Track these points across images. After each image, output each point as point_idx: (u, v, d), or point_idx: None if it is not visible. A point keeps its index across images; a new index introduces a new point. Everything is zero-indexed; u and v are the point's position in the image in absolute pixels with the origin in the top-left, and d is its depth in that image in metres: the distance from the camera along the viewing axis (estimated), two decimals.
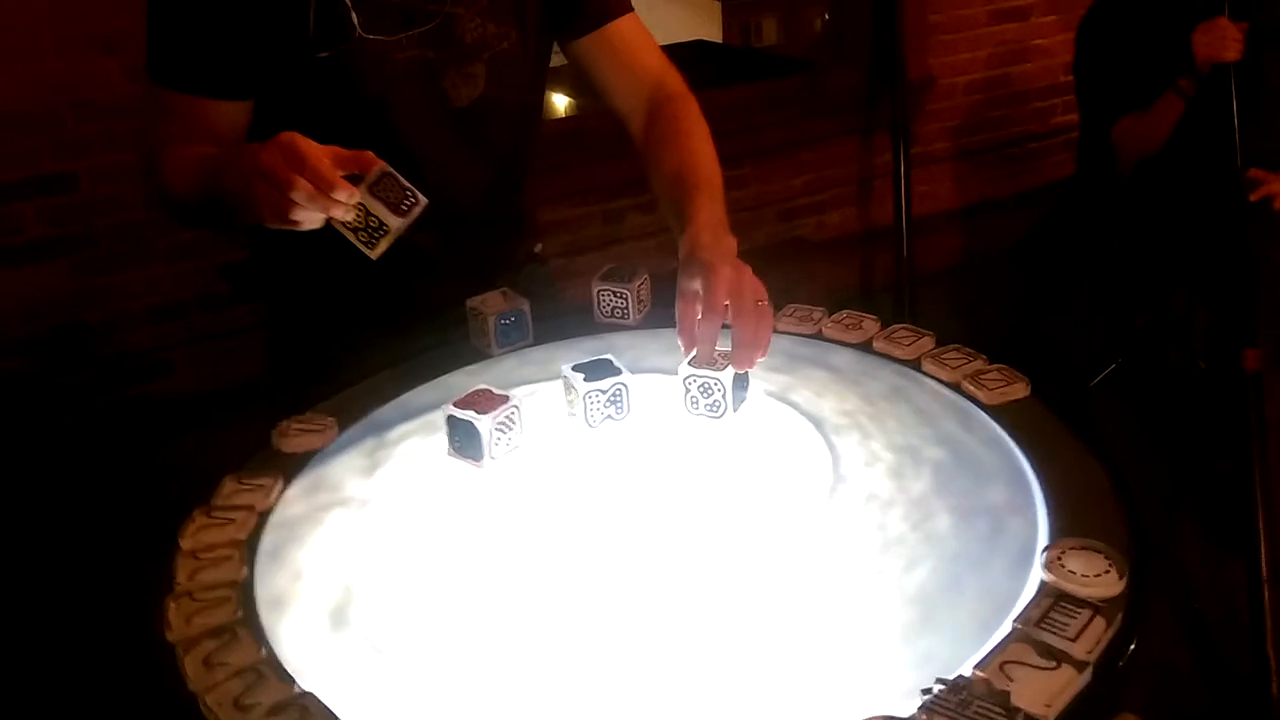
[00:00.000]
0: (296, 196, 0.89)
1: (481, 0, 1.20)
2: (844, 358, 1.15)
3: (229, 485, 0.97)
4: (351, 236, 0.96)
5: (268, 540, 0.91)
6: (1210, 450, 2.11)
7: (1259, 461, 1.89)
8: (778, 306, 1.25)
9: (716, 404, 1.03)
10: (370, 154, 0.93)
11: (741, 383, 1.04)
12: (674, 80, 1.31)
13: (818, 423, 1.03)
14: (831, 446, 0.99)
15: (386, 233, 0.96)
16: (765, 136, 3.07)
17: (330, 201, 0.91)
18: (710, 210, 1.11)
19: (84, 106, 2.23)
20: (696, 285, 1.00)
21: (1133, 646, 0.73)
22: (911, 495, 0.91)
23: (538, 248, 1.49)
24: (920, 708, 0.67)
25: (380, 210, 0.95)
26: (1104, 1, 2.34)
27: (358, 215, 0.94)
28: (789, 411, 1.05)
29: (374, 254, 0.96)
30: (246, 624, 0.79)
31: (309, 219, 0.93)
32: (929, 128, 3.26)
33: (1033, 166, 3.41)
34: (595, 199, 2.89)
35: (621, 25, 1.29)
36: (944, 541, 0.85)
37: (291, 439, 1.06)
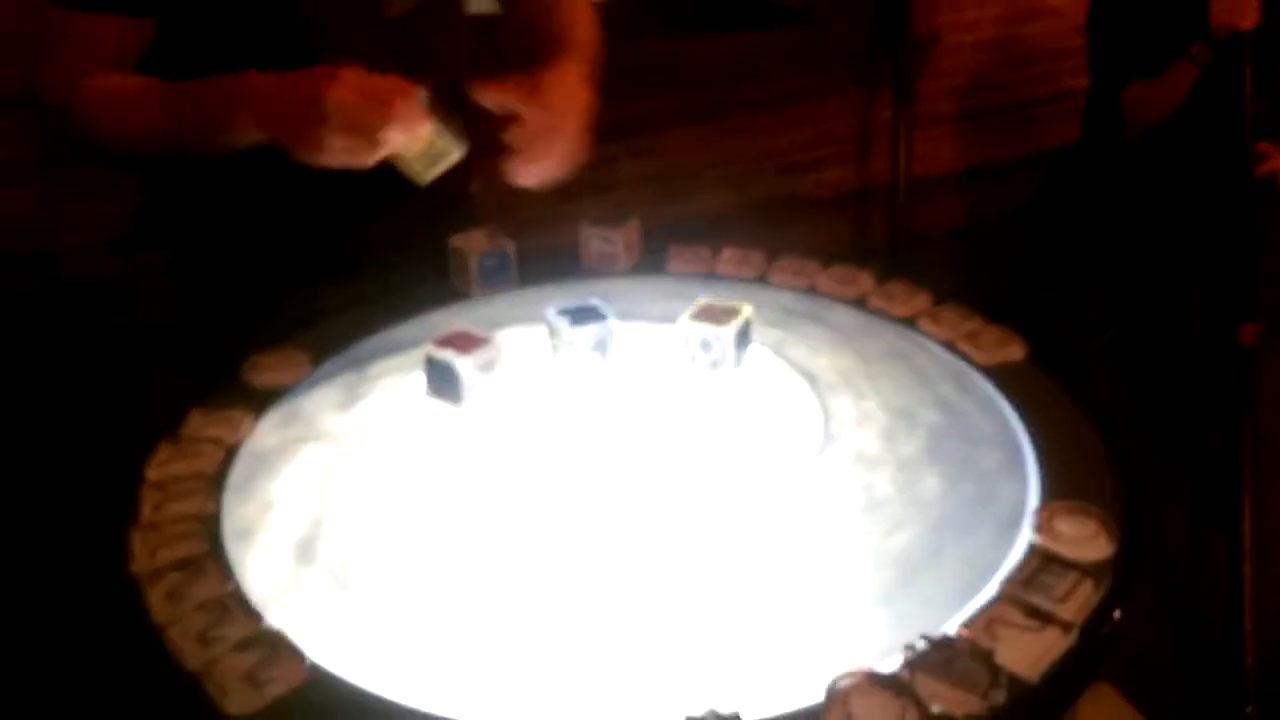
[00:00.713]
0: (388, 135, 0.90)
1: None
2: (843, 315, 1.12)
3: (196, 417, 0.94)
4: (407, 166, 0.96)
5: (237, 472, 0.89)
6: (1200, 424, 2.09)
7: (1250, 435, 1.87)
8: (772, 260, 1.22)
9: (716, 360, 1.00)
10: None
11: (743, 337, 1.01)
12: None
13: (811, 379, 1.00)
14: (824, 405, 0.96)
15: (446, 160, 0.97)
16: (765, 88, 3.01)
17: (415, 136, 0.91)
18: (572, 62, 1.14)
19: None
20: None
21: (1118, 613, 0.71)
22: (901, 457, 0.89)
23: (473, 187, 1.39)
24: (903, 663, 0.65)
25: (446, 140, 0.96)
26: None
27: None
28: (783, 366, 1.02)
29: (424, 182, 0.97)
30: (213, 556, 0.77)
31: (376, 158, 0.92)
32: (933, 86, 3.19)
33: (1038, 130, 3.35)
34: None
35: None
36: (930, 505, 0.83)
37: (263, 373, 1.02)
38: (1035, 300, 2.54)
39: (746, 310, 1.02)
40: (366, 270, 1.19)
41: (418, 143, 0.94)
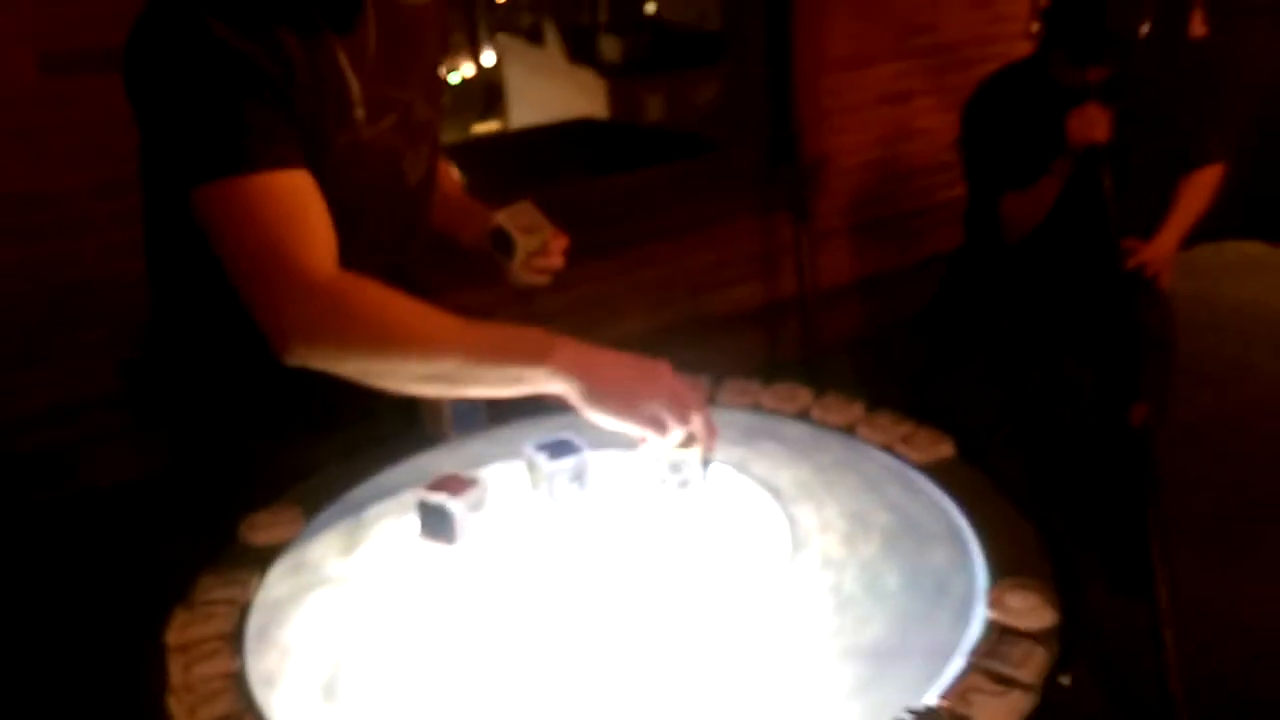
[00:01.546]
0: (690, 427, 1.04)
1: (423, 87, 1.27)
2: (795, 430, 1.24)
3: (207, 580, 0.99)
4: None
5: (254, 622, 0.94)
6: (1106, 502, 2.25)
7: (1154, 509, 2.03)
8: (718, 382, 1.33)
9: (685, 480, 1.10)
10: None
11: (709, 459, 1.11)
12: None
13: (775, 492, 1.11)
14: (789, 514, 1.06)
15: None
16: (671, 216, 3.20)
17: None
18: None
19: None
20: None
21: (1067, 679, 0.81)
22: (863, 558, 0.99)
23: None
24: None
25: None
26: (987, 87, 2.54)
27: None
28: (748, 481, 1.12)
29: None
30: (249, 711, 0.82)
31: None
32: (825, 204, 3.43)
33: (922, 239, 3.62)
34: (499, 280, 2.96)
35: None
36: (893, 599, 0.93)
37: (260, 531, 1.08)
38: (938, 400, 2.72)
39: None
40: (342, 422, 1.25)
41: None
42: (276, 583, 1.00)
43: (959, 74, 3.47)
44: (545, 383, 1.03)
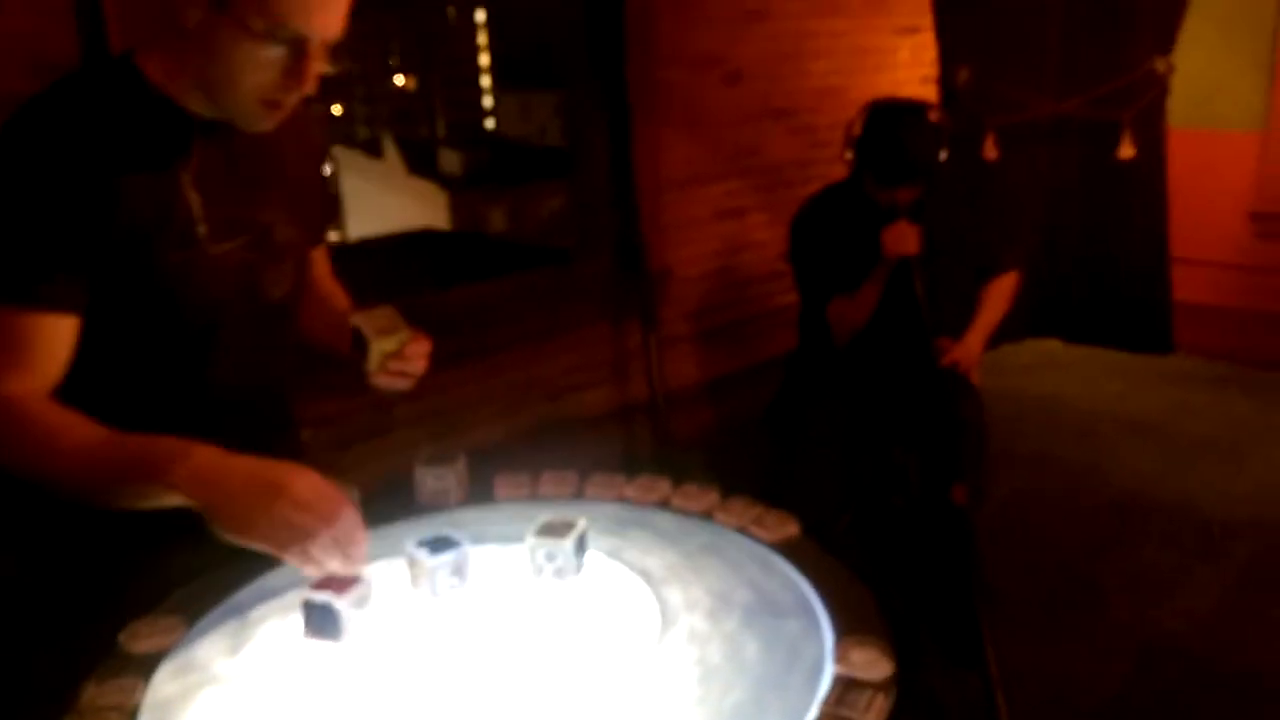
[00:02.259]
0: (319, 549, 1.05)
1: (287, 208, 1.35)
2: (662, 519, 1.34)
3: (91, 689, 1.00)
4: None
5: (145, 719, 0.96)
6: (937, 578, 2.44)
7: (977, 583, 2.23)
8: (584, 478, 1.43)
9: (561, 568, 1.18)
10: None
11: (580, 547, 1.20)
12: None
13: (646, 576, 1.20)
14: (659, 596, 1.16)
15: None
16: (525, 325, 3.31)
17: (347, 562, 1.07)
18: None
19: None
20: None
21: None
22: (725, 632, 1.09)
23: (306, 435, 1.58)
24: None
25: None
26: (810, 206, 2.80)
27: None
28: (621, 568, 1.22)
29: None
30: None
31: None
32: (670, 312, 3.63)
33: (761, 343, 3.85)
34: (363, 391, 2.98)
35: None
36: (752, 667, 1.03)
37: (142, 639, 1.10)
38: (785, 492, 2.89)
39: (582, 522, 1.21)
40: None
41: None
42: (164, 683, 1.03)
43: (785, 191, 3.78)
44: (172, 499, 1.06)
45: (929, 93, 4.37)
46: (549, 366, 3.41)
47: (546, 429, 3.36)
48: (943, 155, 2.56)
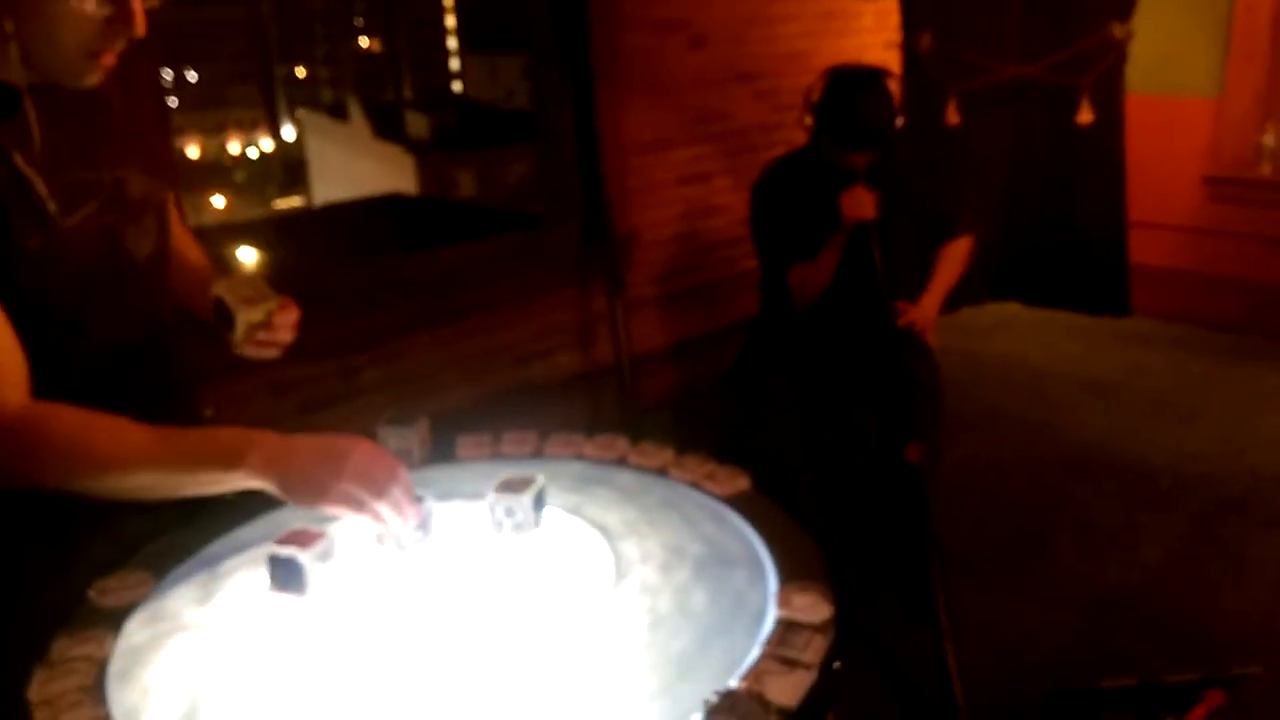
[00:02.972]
0: (385, 500, 1.11)
1: (136, 161, 1.28)
2: (623, 477, 1.38)
3: (62, 641, 1.04)
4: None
5: (115, 666, 1.01)
6: (894, 536, 2.52)
7: (931, 540, 2.30)
8: (544, 437, 1.48)
9: (520, 523, 1.22)
10: None
11: (539, 502, 1.24)
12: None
13: (605, 531, 1.24)
14: (615, 549, 1.20)
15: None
16: (493, 290, 3.34)
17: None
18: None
19: None
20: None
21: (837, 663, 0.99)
22: (676, 583, 1.13)
23: (208, 412, 1.51)
24: (704, 714, 0.89)
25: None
26: (770, 172, 2.83)
27: None
28: (581, 523, 1.26)
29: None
30: None
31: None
32: (637, 275, 3.67)
33: (727, 306, 3.90)
34: (331, 356, 3.00)
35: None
36: (699, 616, 1.07)
37: (111, 594, 1.13)
38: (748, 453, 2.94)
39: (540, 479, 1.25)
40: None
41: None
42: (135, 632, 1.07)
43: (751, 156, 3.81)
44: (245, 483, 1.10)
45: (892, 58, 4.40)
46: (517, 331, 3.45)
47: (514, 393, 3.40)
48: (899, 121, 2.60)
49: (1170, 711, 1.36)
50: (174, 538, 1.23)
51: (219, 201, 31.76)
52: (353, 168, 25.24)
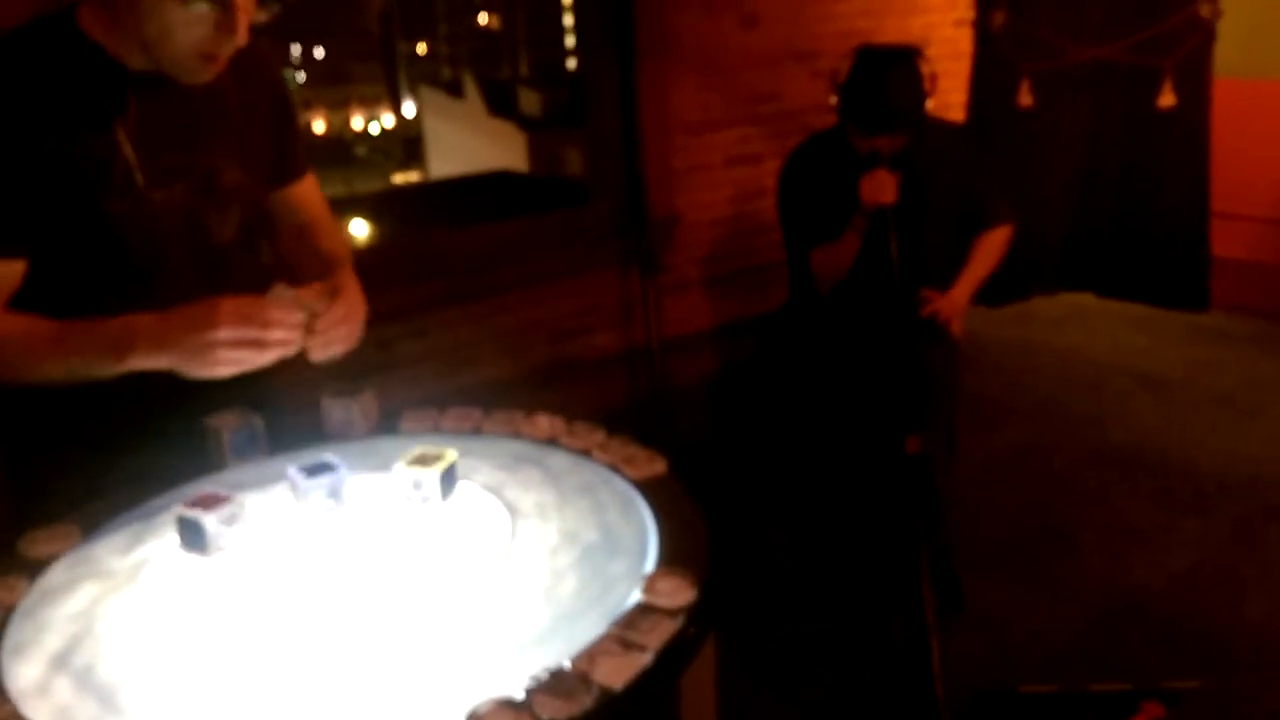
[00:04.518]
0: (272, 350, 1.19)
1: (235, 152, 1.42)
2: (560, 460, 1.40)
3: None
4: None
5: (28, 602, 1.12)
6: (890, 525, 2.47)
7: (925, 534, 2.25)
8: (487, 414, 1.51)
9: (427, 496, 1.26)
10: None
11: (449, 477, 1.28)
12: (339, 244, 1.62)
13: (514, 511, 1.27)
14: (515, 530, 1.22)
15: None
16: (533, 266, 3.38)
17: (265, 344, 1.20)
18: (352, 274, 1.48)
19: None
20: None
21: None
22: (555, 568, 1.15)
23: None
24: (528, 689, 0.91)
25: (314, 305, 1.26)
26: (798, 154, 2.80)
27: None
28: (495, 502, 1.29)
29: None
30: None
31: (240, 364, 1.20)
32: (680, 257, 3.66)
33: (772, 290, 3.84)
34: (368, 328, 3.08)
35: (307, 182, 1.60)
36: (563, 601, 1.08)
37: (39, 545, 1.22)
38: (777, 434, 2.94)
39: (452, 455, 1.29)
40: (126, 448, 1.38)
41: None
42: (58, 574, 1.18)
43: (804, 137, 3.75)
44: (145, 365, 1.21)
45: (963, 36, 4.27)
46: (555, 308, 3.48)
47: (550, 370, 3.44)
48: (927, 104, 2.53)
49: None
50: (105, 501, 1.31)
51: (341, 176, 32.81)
52: (468, 144, 25.74)
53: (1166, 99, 3.83)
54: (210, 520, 1.17)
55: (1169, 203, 4.07)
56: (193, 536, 1.18)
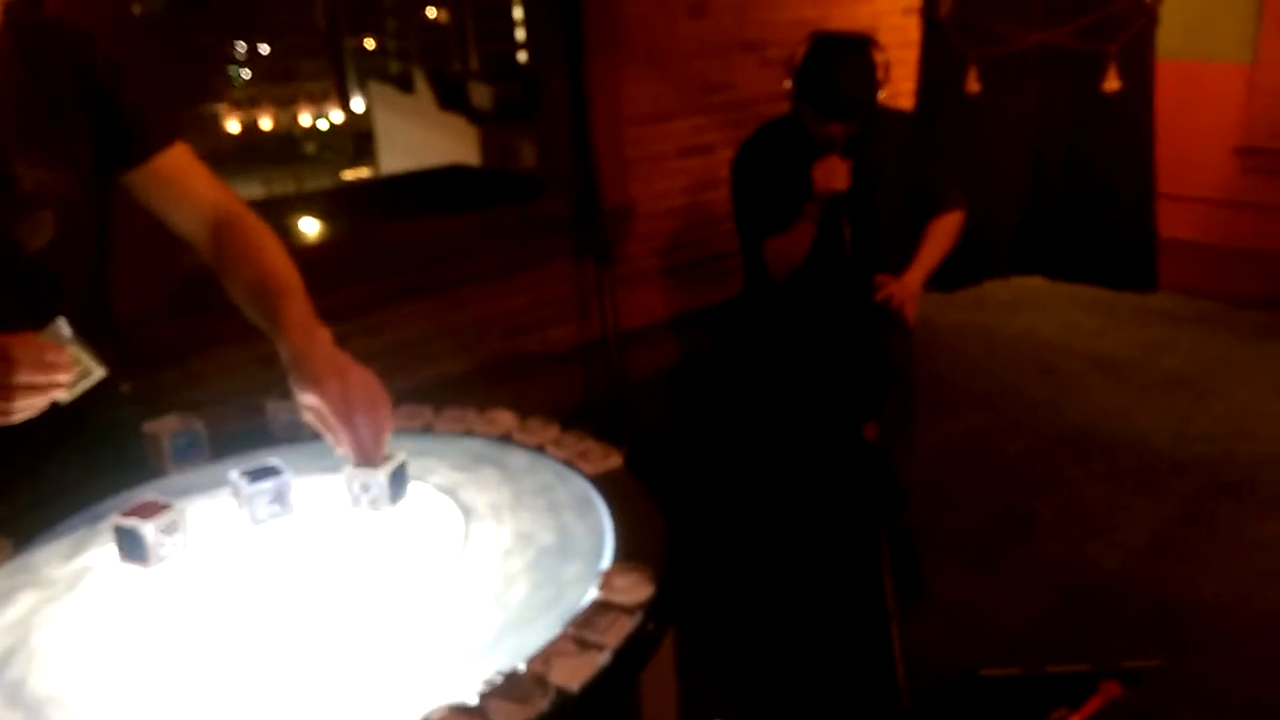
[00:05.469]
0: (23, 396, 1.06)
1: (34, 151, 1.25)
2: (519, 459, 1.36)
3: None
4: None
5: None
6: (850, 511, 2.47)
7: (886, 515, 2.26)
8: (438, 412, 1.47)
9: (375, 499, 1.22)
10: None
11: (399, 478, 1.24)
12: (231, 200, 1.42)
13: (469, 513, 1.23)
14: (469, 532, 1.19)
15: (88, 380, 1.13)
16: (486, 260, 3.34)
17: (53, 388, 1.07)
18: (296, 311, 1.27)
19: None
20: (312, 400, 1.18)
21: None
22: (507, 572, 1.11)
23: (125, 387, 1.46)
24: (481, 693, 0.89)
25: (87, 362, 1.13)
26: (752, 141, 2.78)
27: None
28: (449, 503, 1.25)
29: (67, 400, 1.12)
30: None
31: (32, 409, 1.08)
32: (635, 248, 3.64)
33: (729, 280, 3.84)
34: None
35: (171, 155, 1.38)
36: (510, 608, 1.04)
37: None
38: (737, 424, 2.92)
39: (401, 455, 1.25)
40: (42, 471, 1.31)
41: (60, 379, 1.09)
42: None
43: (756, 127, 3.74)
44: None
45: (911, 24, 4.28)
46: (512, 301, 3.44)
47: (506, 365, 3.40)
48: (881, 92, 2.53)
49: (1063, 704, 1.32)
50: (38, 512, 1.26)
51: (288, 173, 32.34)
52: (418, 138, 25.49)
53: (1111, 83, 3.87)
54: (149, 529, 1.13)
55: (1116, 185, 4.11)
56: (132, 546, 1.13)
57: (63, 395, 1.12)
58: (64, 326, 1.13)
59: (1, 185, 1.24)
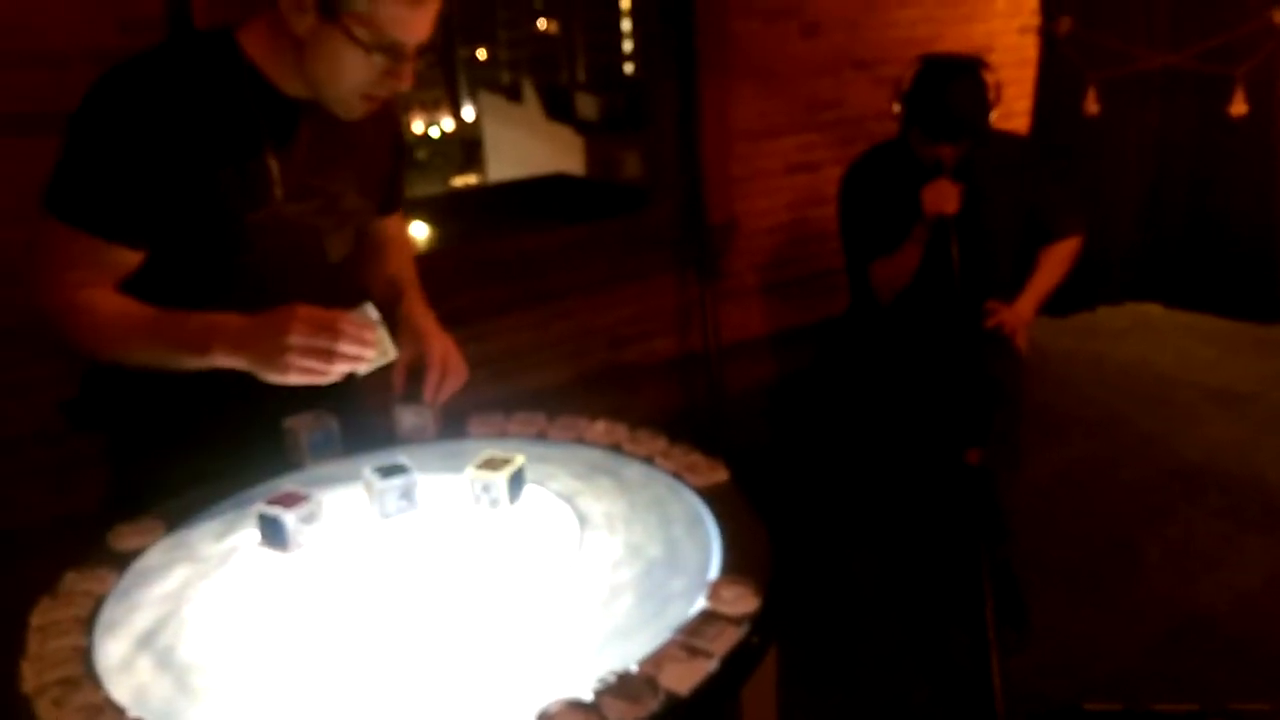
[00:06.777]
0: (341, 354, 1.24)
1: (358, 183, 1.52)
2: (634, 471, 1.41)
3: (71, 576, 1.18)
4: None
5: (124, 583, 1.18)
6: (951, 538, 2.45)
7: (988, 548, 2.23)
8: (551, 420, 1.54)
9: (495, 499, 1.29)
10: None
11: (517, 481, 1.30)
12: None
13: (584, 520, 1.28)
14: (583, 540, 1.24)
15: (383, 359, 1.31)
16: (591, 272, 3.41)
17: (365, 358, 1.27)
18: (415, 295, 1.64)
19: None
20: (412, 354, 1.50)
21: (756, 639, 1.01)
22: (614, 583, 1.14)
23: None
24: (596, 690, 0.94)
25: (385, 344, 1.31)
26: (860, 162, 2.79)
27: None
28: (566, 510, 1.30)
29: (367, 370, 1.31)
30: (89, 677, 1.00)
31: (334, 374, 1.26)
32: (738, 264, 3.67)
33: (832, 298, 3.84)
34: None
35: (398, 216, 1.73)
36: (615, 617, 1.08)
37: (125, 539, 1.27)
38: (837, 443, 2.93)
39: (520, 459, 1.32)
40: (212, 454, 1.43)
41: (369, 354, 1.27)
42: (154, 556, 1.25)
43: (865, 145, 3.73)
44: (225, 364, 1.26)
45: (1028, 43, 4.22)
46: (616, 313, 3.51)
47: (607, 375, 3.47)
48: (992, 115, 2.51)
49: None
50: (188, 498, 1.37)
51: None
52: (525, 148, 26.01)
53: (1238, 107, 3.76)
54: (290, 518, 1.21)
55: (1239, 212, 3.99)
56: (273, 533, 1.22)
57: (363, 368, 1.30)
58: (371, 310, 1.30)
59: (331, 200, 1.48)
